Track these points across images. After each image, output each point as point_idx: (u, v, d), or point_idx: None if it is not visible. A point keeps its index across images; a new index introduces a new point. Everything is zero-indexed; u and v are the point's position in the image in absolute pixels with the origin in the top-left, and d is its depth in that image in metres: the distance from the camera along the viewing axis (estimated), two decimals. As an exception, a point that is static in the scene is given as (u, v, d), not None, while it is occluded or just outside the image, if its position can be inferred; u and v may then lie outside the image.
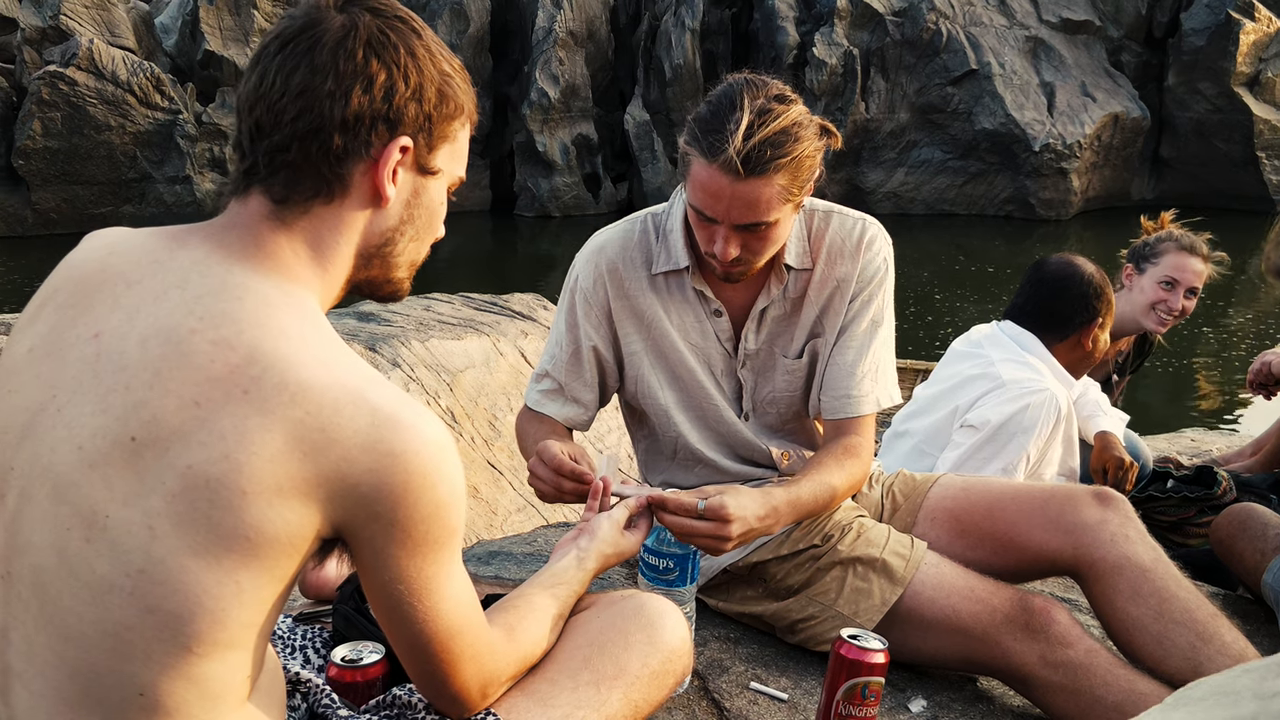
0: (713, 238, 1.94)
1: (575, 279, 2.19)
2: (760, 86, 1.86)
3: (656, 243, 2.16)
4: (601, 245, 2.18)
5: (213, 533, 1.02)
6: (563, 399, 2.21)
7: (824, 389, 2.17)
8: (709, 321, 2.16)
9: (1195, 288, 3.43)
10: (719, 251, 1.93)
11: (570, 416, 2.22)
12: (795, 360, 2.19)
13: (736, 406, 2.22)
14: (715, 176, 1.84)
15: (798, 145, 1.84)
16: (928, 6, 23.06)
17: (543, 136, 23.64)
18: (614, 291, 2.15)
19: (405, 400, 1.11)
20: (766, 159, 1.81)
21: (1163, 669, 1.90)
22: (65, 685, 1.05)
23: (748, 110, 1.82)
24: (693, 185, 1.90)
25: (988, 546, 2.18)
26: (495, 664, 1.30)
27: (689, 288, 2.15)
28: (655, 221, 2.18)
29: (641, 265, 2.15)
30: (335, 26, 1.16)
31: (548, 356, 2.24)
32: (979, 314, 14.35)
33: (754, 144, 1.80)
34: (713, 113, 1.85)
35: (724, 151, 1.80)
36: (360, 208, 1.21)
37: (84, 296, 1.14)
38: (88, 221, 19.29)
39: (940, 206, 23.76)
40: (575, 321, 2.18)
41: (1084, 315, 2.94)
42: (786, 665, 2.14)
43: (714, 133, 1.83)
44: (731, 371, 2.20)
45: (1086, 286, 2.93)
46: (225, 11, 22.08)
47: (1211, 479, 3.07)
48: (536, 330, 5.91)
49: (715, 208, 1.88)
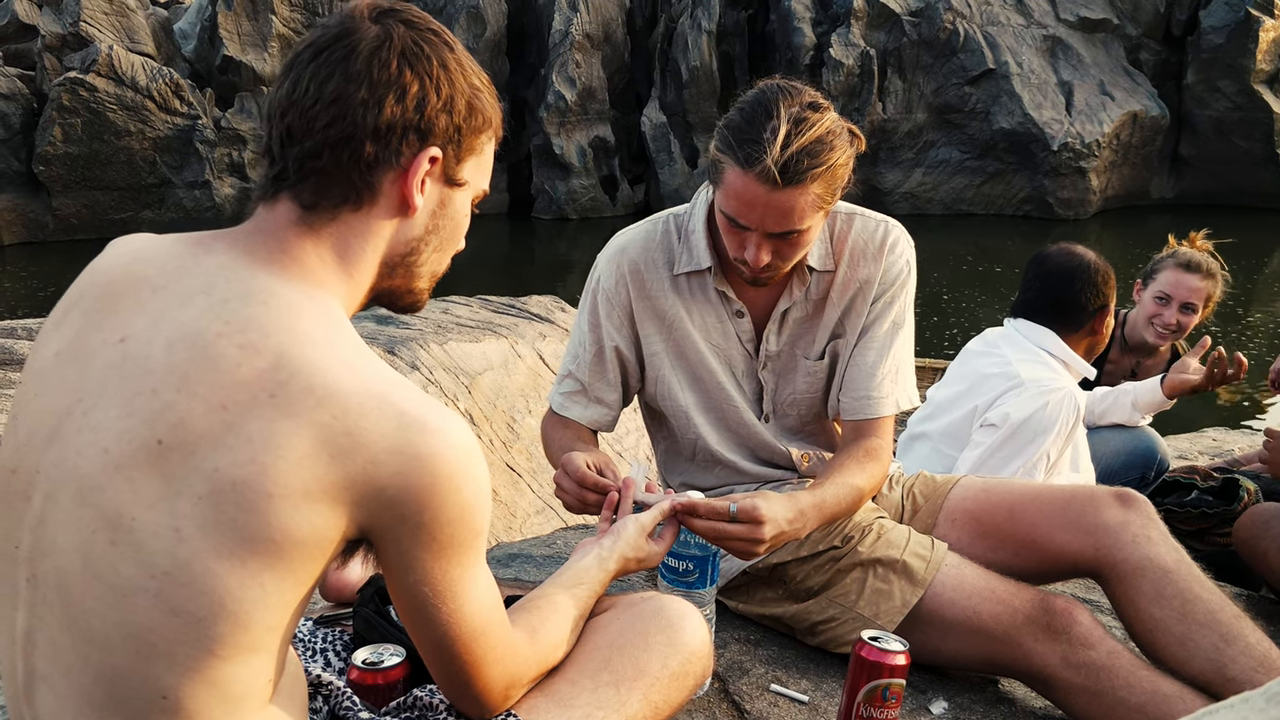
0: (743, 244, 1.94)
1: (597, 279, 2.19)
2: (794, 93, 1.86)
3: (679, 243, 2.16)
4: (624, 246, 2.18)
5: (238, 536, 1.03)
6: (586, 400, 2.22)
7: (844, 390, 2.17)
8: (730, 322, 2.16)
9: (1190, 303, 3.53)
10: (750, 258, 1.93)
11: (594, 418, 2.22)
12: (817, 362, 2.19)
13: (757, 408, 2.22)
14: (751, 186, 1.84)
15: (832, 154, 1.84)
16: (944, 6, 22.99)
17: (560, 139, 23.67)
18: (636, 292, 2.16)
19: (431, 403, 1.12)
20: (804, 169, 1.81)
21: (1186, 670, 1.89)
22: (89, 687, 1.06)
23: (784, 119, 1.81)
24: (726, 193, 1.89)
25: (1009, 548, 2.17)
26: (518, 665, 1.31)
27: (711, 288, 2.15)
28: (677, 222, 2.18)
29: (664, 266, 2.15)
30: (370, 36, 1.18)
31: (570, 357, 2.24)
32: (997, 314, 14.30)
33: (791, 154, 1.79)
34: (748, 121, 1.84)
35: (761, 161, 1.80)
36: (388, 216, 1.22)
37: (110, 301, 1.15)
38: (108, 227, 19.42)
39: (958, 206, 23.68)
40: (598, 322, 2.19)
41: (1096, 302, 2.94)
42: (807, 667, 2.14)
43: (750, 142, 1.82)
44: (752, 373, 2.20)
45: (1094, 275, 2.94)
46: (243, 17, 22.19)
47: (1234, 494, 3.03)
48: (554, 332, 5.92)
49: (750, 216, 1.88)
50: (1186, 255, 3.53)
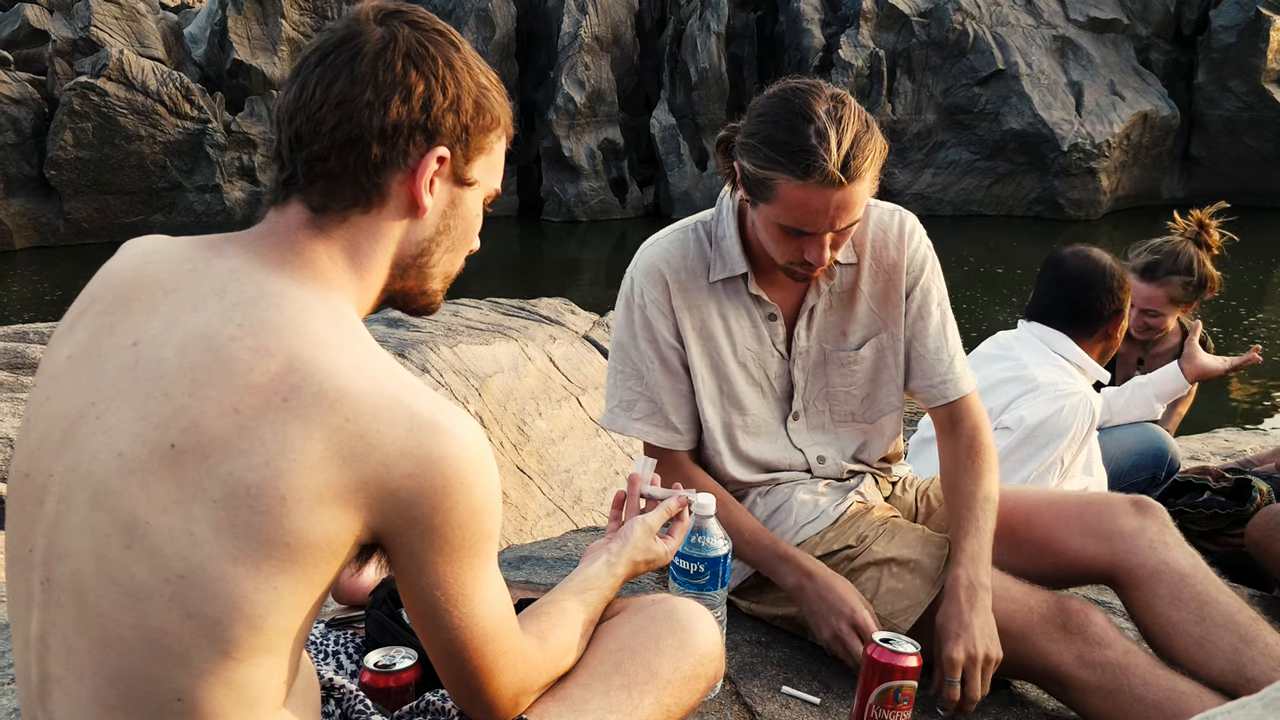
0: (802, 249, 1.93)
1: (640, 293, 2.15)
2: (817, 91, 1.87)
3: (710, 250, 2.15)
4: (660, 255, 2.15)
5: (253, 539, 1.03)
6: (661, 418, 2.18)
7: (920, 380, 2.21)
8: (764, 326, 2.16)
9: (1148, 309, 3.51)
10: (815, 259, 1.93)
11: (671, 440, 2.19)
12: (854, 353, 2.19)
13: (785, 407, 2.21)
14: (814, 193, 1.83)
15: (874, 137, 1.86)
16: (954, 7, 22.94)
17: (569, 141, 23.67)
18: (679, 300, 2.13)
19: (443, 405, 1.12)
20: (861, 161, 1.83)
21: (1204, 672, 1.88)
22: (104, 690, 1.06)
23: (825, 119, 1.82)
24: (784, 207, 1.88)
25: (1024, 553, 2.17)
26: (529, 671, 1.31)
27: (744, 293, 2.14)
28: (706, 229, 2.17)
29: (701, 274, 2.14)
30: (375, 38, 1.18)
31: (631, 381, 2.18)
32: (1008, 315, 14.27)
33: (846, 151, 1.81)
34: (789, 130, 1.83)
35: (820, 168, 1.80)
36: (397, 217, 1.22)
37: (122, 304, 1.15)
38: (119, 231, 19.46)
39: (968, 207, 23.62)
40: (652, 336, 2.14)
41: (1111, 307, 2.93)
42: (818, 669, 2.14)
43: (801, 152, 1.81)
44: (785, 372, 2.19)
45: (1110, 280, 2.93)
46: (253, 21, 22.23)
47: (1247, 495, 3.01)
48: (564, 335, 5.92)
49: (817, 223, 1.88)
50: (1143, 261, 3.48)
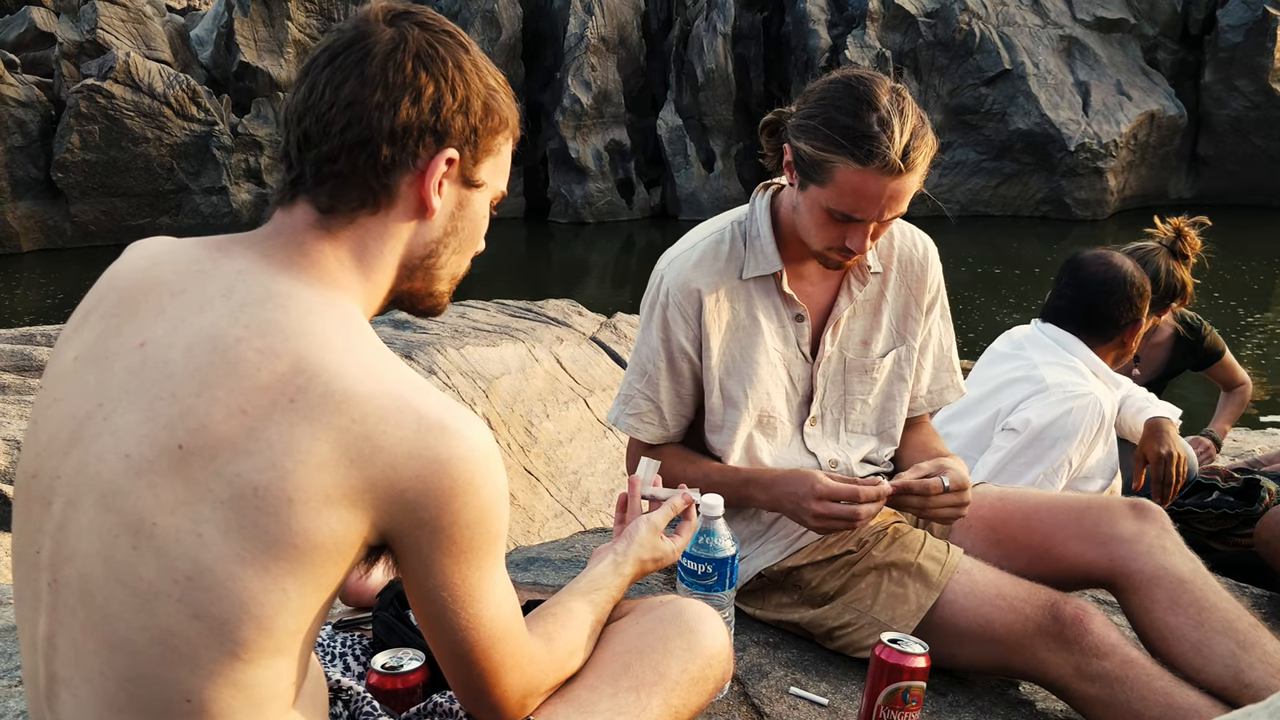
0: (845, 235, 1.96)
1: (665, 292, 2.15)
2: (878, 81, 1.90)
3: (745, 249, 2.15)
4: (691, 255, 2.15)
5: (260, 541, 1.03)
6: (654, 415, 2.21)
7: (921, 385, 2.32)
8: (791, 326, 2.17)
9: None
10: (858, 246, 1.96)
11: (657, 435, 2.23)
12: (876, 360, 2.22)
13: (804, 411, 2.21)
14: (871, 180, 1.86)
15: (928, 132, 1.90)
16: (960, 7, 22.90)
17: (575, 143, 23.66)
18: (711, 312, 2.13)
19: (450, 406, 1.12)
20: (919, 153, 1.86)
21: (1202, 677, 1.88)
22: (112, 691, 1.06)
23: (888, 108, 1.85)
24: (840, 191, 1.90)
25: (1023, 557, 2.16)
26: (536, 674, 1.31)
27: (775, 292, 2.15)
28: (741, 229, 2.17)
29: (733, 273, 2.14)
30: (384, 39, 1.18)
31: (637, 376, 2.21)
32: (1015, 315, 14.25)
33: (907, 141, 1.84)
34: (853, 115, 1.86)
35: (883, 155, 1.82)
36: (405, 219, 1.22)
37: (129, 305, 1.15)
38: (126, 233, 19.49)
39: (975, 208, 23.57)
40: (668, 335, 2.15)
41: (1128, 316, 2.90)
42: (827, 670, 2.13)
43: (865, 137, 1.84)
44: (807, 375, 2.20)
45: (1129, 288, 2.89)
46: (259, 23, 22.26)
47: (1256, 495, 3.00)
48: (571, 336, 5.92)
49: (870, 209, 1.90)
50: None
